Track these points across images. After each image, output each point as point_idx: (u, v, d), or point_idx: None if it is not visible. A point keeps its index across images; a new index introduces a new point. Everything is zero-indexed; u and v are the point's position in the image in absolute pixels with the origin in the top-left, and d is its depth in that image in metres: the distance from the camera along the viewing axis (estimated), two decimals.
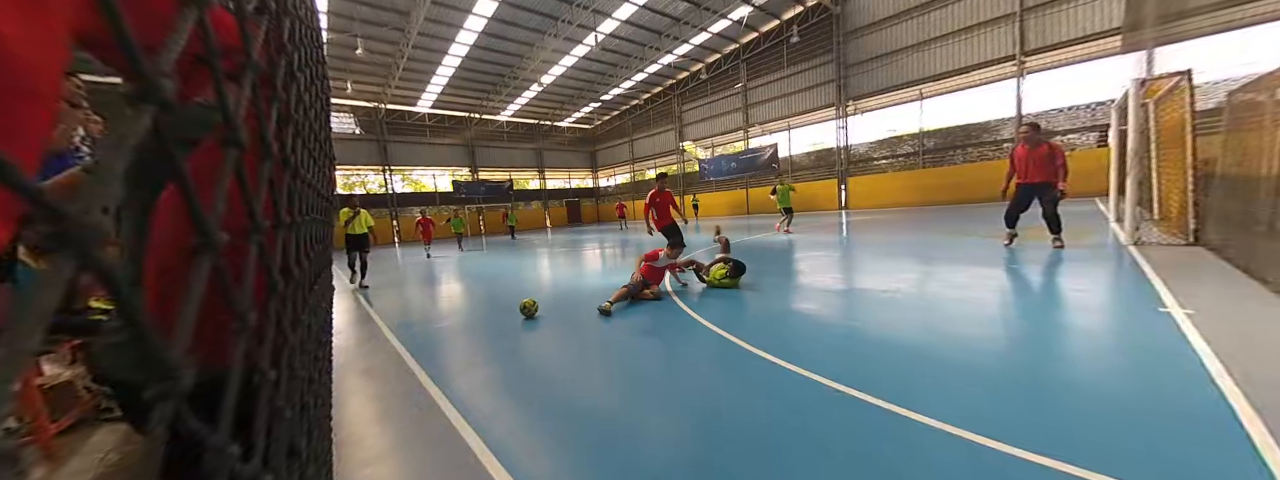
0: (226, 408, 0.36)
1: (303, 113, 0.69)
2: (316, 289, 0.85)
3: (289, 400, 0.59)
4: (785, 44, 20.38)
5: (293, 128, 0.59)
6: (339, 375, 2.86)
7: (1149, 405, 1.74)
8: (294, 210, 0.59)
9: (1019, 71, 14.80)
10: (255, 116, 0.48)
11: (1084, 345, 2.41)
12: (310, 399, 0.73)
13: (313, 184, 0.76)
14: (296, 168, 0.61)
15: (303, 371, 0.65)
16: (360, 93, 21.17)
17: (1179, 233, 5.17)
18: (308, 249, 0.72)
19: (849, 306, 3.56)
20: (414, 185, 26.06)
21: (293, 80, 0.61)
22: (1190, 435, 1.53)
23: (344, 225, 6.88)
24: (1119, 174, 7.13)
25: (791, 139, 21.58)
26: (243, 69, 0.43)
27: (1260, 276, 3.30)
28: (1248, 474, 1.32)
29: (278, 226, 0.51)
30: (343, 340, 3.80)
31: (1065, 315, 2.88)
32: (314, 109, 0.82)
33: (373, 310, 5.01)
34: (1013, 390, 1.95)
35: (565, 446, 1.81)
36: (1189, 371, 1.97)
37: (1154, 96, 5.77)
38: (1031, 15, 14.40)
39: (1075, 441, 1.53)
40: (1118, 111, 6.88)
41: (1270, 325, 2.43)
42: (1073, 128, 14.23)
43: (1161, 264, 4.03)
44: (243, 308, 0.38)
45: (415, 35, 16.05)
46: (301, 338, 0.64)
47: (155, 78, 0.23)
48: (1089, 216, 8.33)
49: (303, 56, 0.72)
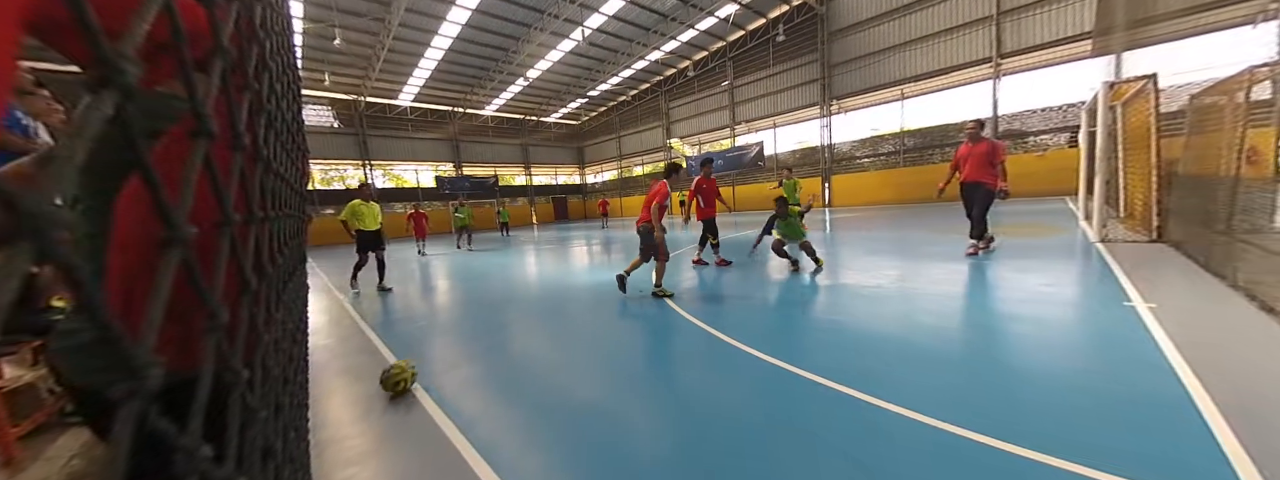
0: (197, 407, 0.35)
1: (274, 103, 0.67)
2: (291, 286, 0.83)
3: (263, 400, 0.57)
4: (771, 43, 20.51)
5: (264, 118, 0.57)
6: (318, 375, 2.80)
7: (1115, 394, 1.82)
8: (267, 204, 0.57)
9: (995, 73, 15.21)
10: (225, 106, 0.46)
11: (1055, 337, 2.50)
12: (286, 399, 0.71)
13: (286, 178, 0.74)
14: (269, 160, 0.59)
15: (277, 370, 0.64)
16: (339, 85, 20.57)
17: (1143, 230, 5.40)
18: (282, 245, 0.70)
19: (834, 302, 3.62)
20: (396, 180, 25.50)
21: (264, 69, 0.59)
22: (1152, 422, 1.61)
23: (352, 220, 5.65)
24: (1088, 173, 7.40)
25: (777, 137, 21.78)
26: (212, 56, 0.42)
27: (1218, 272, 3.47)
28: (1206, 457, 1.39)
29: (250, 221, 0.49)
30: (322, 340, 3.71)
31: (1037, 309, 2.99)
32: (286, 100, 0.80)
33: (353, 308, 4.90)
34: (988, 382, 2.02)
35: (552, 444, 1.81)
36: (1152, 362, 2.07)
37: (1121, 99, 6.00)
38: (1007, 19, 14.79)
39: (1046, 430, 1.59)
40: (1087, 113, 7.13)
41: (1227, 319, 2.57)
42: (1046, 128, 14.69)
43: (1127, 260, 4.20)
44: (214, 304, 0.36)
45: (396, 26, 15.65)
46: (276, 336, 0.62)
47: (117, 62, 0.22)
48: (1059, 214, 8.63)
49: (274, 45, 0.70)
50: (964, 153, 5.11)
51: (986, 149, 4.93)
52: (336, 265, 10.36)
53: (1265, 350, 2.11)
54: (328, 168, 22.66)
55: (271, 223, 0.62)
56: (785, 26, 19.41)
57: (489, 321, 3.89)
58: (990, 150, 4.92)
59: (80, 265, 0.19)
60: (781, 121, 21.42)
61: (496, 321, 3.88)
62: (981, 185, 4.94)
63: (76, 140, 0.20)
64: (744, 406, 1.96)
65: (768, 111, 21.70)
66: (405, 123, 24.37)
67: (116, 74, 0.22)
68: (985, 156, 4.92)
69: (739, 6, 18.45)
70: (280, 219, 0.71)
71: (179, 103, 0.72)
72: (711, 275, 5.22)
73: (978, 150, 4.97)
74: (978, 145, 4.99)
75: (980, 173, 4.94)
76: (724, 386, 2.19)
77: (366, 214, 5.65)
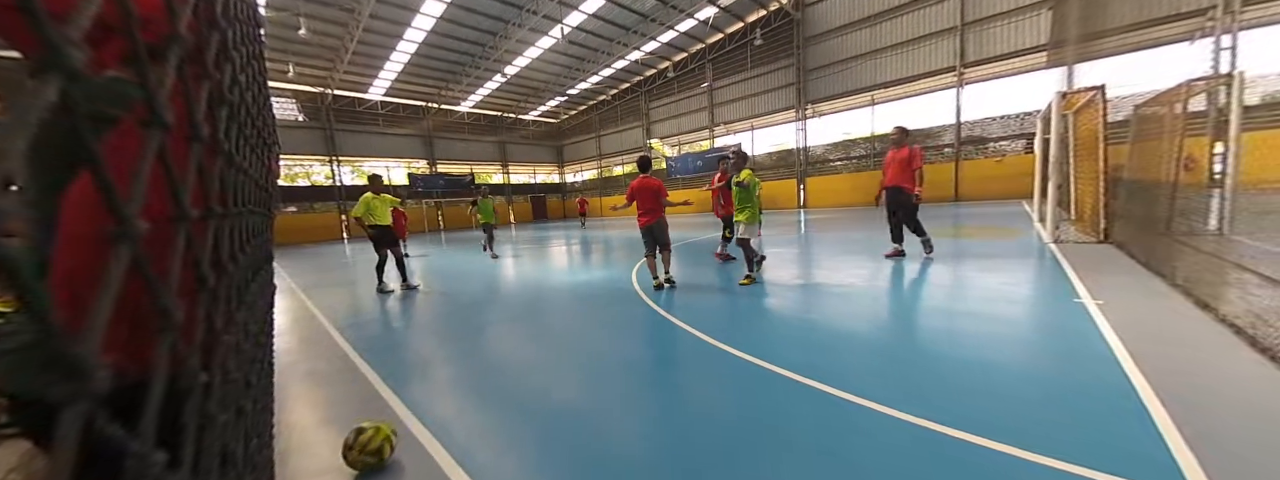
0: (149, 411, 0.33)
1: (238, 95, 0.64)
2: (254, 286, 0.79)
3: (223, 405, 0.55)
4: (749, 46, 20.83)
5: (226, 110, 0.54)
6: (283, 379, 2.68)
7: (1066, 385, 1.93)
8: (228, 200, 0.55)
9: (959, 82, 15.90)
10: (183, 95, 0.44)
11: (1011, 333, 2.63)
12: (248, 403, 0.68)
13: (250, 173, 0.71)
14: (230, 154, 0.56)
15: (238, 374, 0.61)
16: (304, 77, 19.71)
17: (1092, 232, 5.75)
18: (244, 242, 0.67)
19: (807, 300, 3.71)
20: (365, 177, 24.63)
21: (226, 59, 0.56)
22: (1100, 409, 1.71)
23: (366, 215, 5.20)
24: (1042, 178, 7.82)
25: (755, 139, 22.14)
26: (167, 43, 0.40)
27: (1158, 271, 3.73)
28: (1147, 440, 1.50)
29: (208, 216, 0.47)
30: (287, 342, 3.55)
31: (995, 306, 3.14)
32: (251, 91, 0.76)
33: (318, 310, 4.72)
34: (949, 375, 2.10)
35: (529, 447, 1.79)
36: (1099, 354, 2.21)
37: (1072, 108, 6.37)
38: (970, 30, 15.48)
39: (1003, 420, 1.68)
40: (1042, 121, 7.54)
41: (1166, 314, 2.76)
42: (1005, 135, 15.44)
43: (1077, 259, 4.47)
44: (168, 303, 0.34)
45: (366, 17, 15.13)
46: (237, 337, 0.60)
47: (61, 46, 0.21)
48: (1016, 217, 9.09)
49: (238, 34, 0.66)
50: (888, 158, 5.20)
51: (906, 155, 4.97)
52: (302, 265, 9.95)
53: (1202, 344, 2.28)
54: (292, 163, 21.70)
55: (233, 219, 0.59)
56: (763, 31, 19.75)
57: (468, 322, 3.81)
58: (908, 157, 4.96)
59: (18, 258, 0.18)
60: (759, 124, 21.79)
61: (475, 323, 3.80)
62: (902, 190, 5.02)
63: (17, 127, 0.18)
64: (719, 401, 1.99)
65: (746, 114, 22.03)
66: (376, 117, 23.58)
67: (61, 57, 0.21)
68: (905, 162, 4.96)
69: (718, 9, 18.67)
70: (243, 216, 0.68)
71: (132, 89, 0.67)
72: (691, 275, 5.26)
73: (899, 156, 5.01)
74: (899, 151, 5.04)
75: (900, 178, 5.00)
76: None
77: (379, 208, 5.30)
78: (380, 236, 5.35)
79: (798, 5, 19.03)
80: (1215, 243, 4.54)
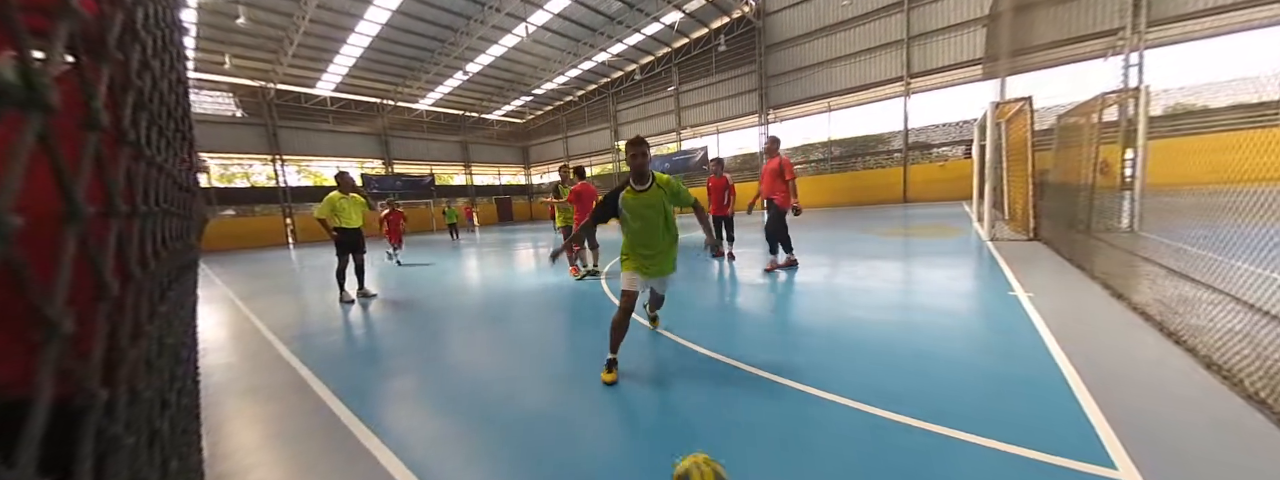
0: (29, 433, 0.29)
1: (150, 82, 0.57)
2: (173, 294, 0.72)
3: (131, 427, 0.49)
4: (714, 52, 21.26)
5: (133, 96, 0.49)
6: (217, 397, 2.46)
7: (1002, 370, 2.08)
8: (136, 197, 0.49)
9: (906, 91, 16.91)
10: (75, 78, 0.39)
11: (951, 323, 2.81)
12: (164, 424, 0.61)
13: (165, 169, 0.64)
14: (139, 145, 0.51)
15: (150, 392, 0.55)
16: (243, 69, 18.32)
17: (1023, 230, 6.24)
18: (159, 246, 0.60)
19: (768, 298, 3.81)
20: (313, 178, 23.20)
21: (134, 40, 0.50)
22: (1029, 393, 1.85)
23: (331, 216, 4.83)
24: (979, 181, 8.42)
25: (720, 142, 22.59)
26: (57, 16, 0.35)
27: (1080, 265, 4.09)
28: (1072, 419, 1.63)
29: (109, 215, 0.42)
30: (224, 357, 3.28)
31: (938, 299, 3.34)
32: (168, 79, 0.69)
33: (259, 321, 4.38)
34: (896, 364, 2.22)
35: (490, 457, 1.73)
36: (1031, 342, 2.39)
37: (1004, 117, 6.91)
38: (916, 43, 16.51)
39: (943, 405, 1.78)
40: (979, 129, 8.12)
41: (1087, 304, 3.03)
42: (947, 141, 16.54)
43: (1010, 256, 4.83)
44: (50, 310, 0.30)
45: (313, 7, 14.25)
46: (148, 352, 0.53)
47: None
48: (958, 217, 9.74)
49: (151, 14, 0.60)
50: (764, 169, 5.10)
51: (776, 166, 4.88)
52: (242, 272, 9.22)
53: (1117, 329, 2.52)
54: (228, 162, 20.12)
55: (144, 219, 0.53)
56: (727, 37, 20.22)
57: (425, 328, 3.65)
58: (778, 167, 4.87)
59: None
60: (724, 128, 22.26)
61: (437, 329, 3.65)
62: (772, 202, 4.95)
63: None
64: (686, 397, 2.00)
65: (711, 117, 22.46)
66: (325, 114, 22.27)
67: None
68: (775, 172, 4.88)
69: (683, 15, 18.95)
70: (157, 216, 0.61)
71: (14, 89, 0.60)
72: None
73: (770, 166, 4.92)
74: (771, 161, 4.95)
75: (771, 189, 4.93)
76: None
77: (347, 209, 4.89)
78: (346, 240, 4.95)
79: (759, 14, 19.62)
80: (1128, 239, 5.05)
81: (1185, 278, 3.20)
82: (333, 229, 4.87)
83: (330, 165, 22.75)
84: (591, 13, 17.59)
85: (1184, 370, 1.97)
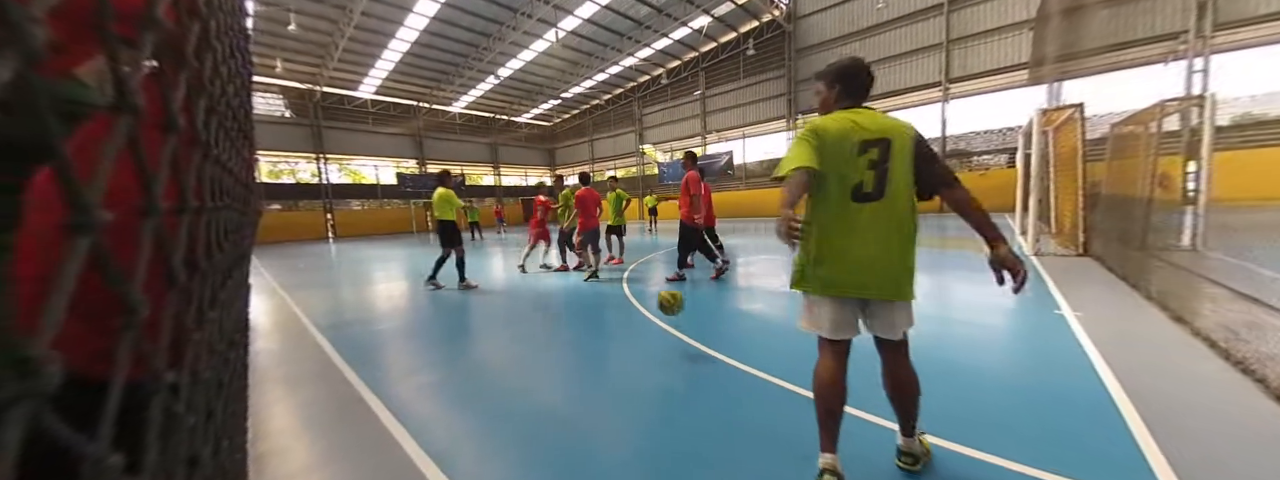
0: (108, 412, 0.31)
1: (218, 87, 0.62)
2: (230, 284, 0.76)
3: (191, 407, 0.52)
4: (742, 56, 21.13)
5: (205, 101, 0.53)
6: (259, 381, 2.60)
7: (1047, 393, 1.96)
8: (205, 193, 0.53)
9: (944, 96, 16.31)
10: (158, 84, 0.43)
11: (994, 341, 2.68)
12: (218, 405, 0.65)
13: (229, 167, 0.69)
14: (208, 146, 0.54)
15: (209, 374, 0.58)
16: (292, 73, 19.42)
17: (1071, 245, 5.89)
18: (221, 239, 0.64)
19: (793, 307, 3.73)
20: (353, 176, 24.28)
21: (207, 48, 0.54)
22: (1079, 419, 1.74)
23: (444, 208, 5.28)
24: (1024, 192, 8.02)
25: (746, 147, 22.38)
26: (143, 26, 0.38)
27: (1134, 284, 3.83)
28: (1122, 448, 1.52)
29: (182, 210, 0.45)
30: (267, 344, 3.46)
31: (976, 315, 3.19)
32: (233, 84, 0.74)
33: (301, 311, 4.60)
34: (932, 382, 2.12)
35: (511, 451, 1.76)
36: (1079, 365, 2.25)
37: (1052, 125, 6.56)
38: (956, 46, 15.93)
39: (979, 428, 1.69)
40: (1023, 137, 7.75)
41: (1143, 326, 2.83)
42: (988, 149, 15.85)
43: (1057, 272, 4.57)
44: (133, 299, 0.33)
45: (358, 14, 15.00)
46: (209, 337, 0.57)
47: (22, 23, 0.20)
48: (1000, 229, 9.29)
49: (221, 24, 0.65)
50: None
51: (685, 182, 4.88)
52: (285, 264, 9.73)
53: (1176, 355, 2.34)
54: (277, 160, 21.30)
55: (210, 214, 0.57)
56: (755, 41, 20.06)
57: (453, 324, 3.75)
58: (685, 183, 4.86)
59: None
60: (750, 132, 22.05)
61: (459, 325, 3.74)
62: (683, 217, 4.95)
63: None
64: (704, 405, 1.98)
65: (737, 122, 22.28)
66: (365, 115, 23.31)
67: (20, 36, 0.20)
68: (683, 188, 4.88)
69: (711, 19, 18.92)
70: (221, 211, 0.65)
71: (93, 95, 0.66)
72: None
73: (683, 181, 4.91)
74: (687, 175, 4.92)
75: (681, 203, 4.94)
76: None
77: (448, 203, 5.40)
78: (455, 231, 5.40)
79: (789, 17, 19.39)
80: (1189, 258, 4.69)
81: (1255, 301, 2.95)
82: (438, 220, 5.34)
83: (369, 164, 23.79)
84: (620, 18, 17.79)
85: (1252, 404, 1.81)
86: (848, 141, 1.34)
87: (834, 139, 1.34)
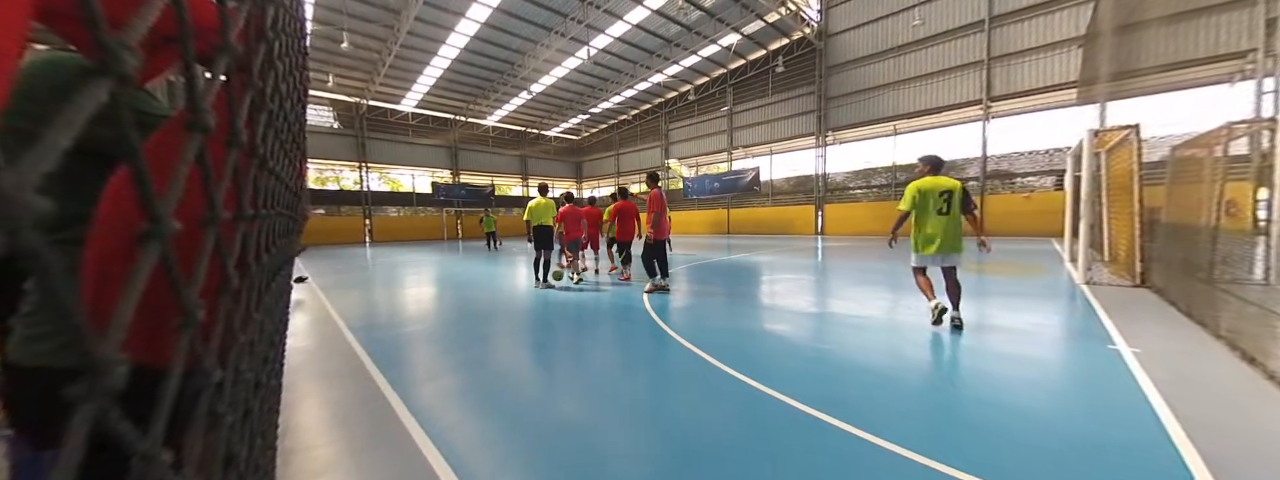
0: (161, 410, 0.33)
1: (278, 103, 0.66)
2: (274, 286, 0.80)
3: (232, 404, 0.55)
4: (771, 73, 21.14)
5: (265, 117, 0.57)
6: (291, 379, 2.70)
7: (1099, 437, 1.81)
8: (258, 202, 0.56)
9: (985, 115, 15.74)
10: (226, 102, 0.46)
11: (1042, 378, 2.50)
12: (256, 404, 0.68)
13: (282, 177, 0.73)
14: (265, 158, 0.58)
15: (249, 373, 0.61)
16: (342, 87, 20.73)
17: (1127, 275, 5.50)
18: (269, 243, 0.68)
19: (821, 329, 3.61)
20: (391, 184, 25.42)
21: (269, 68, 0.59)
22: (1135, 468, 1.59)
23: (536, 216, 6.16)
24: (1073, 217, 7.58)
25: (773, 163, 22.19)
26: (217, 52, 0.41)
27: (1199, 319, 3.53)
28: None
29: (238, 218, 0.48)
30: (299, 342, 3.60)
31: (1025, 348, 2.99)
32: (290, 100, 0.80)
33: (336, 313, 4.79)
34: (973, 420, 2.00)
35: (530, 460, 1.75)
36: (1135, 406, 2.07)
37: (1105, 147, 6.21)
38: (997, 64, 15.42)
39: (1027, 472, 1.57)
40: (1073, 159, 7.36)
41: (1208, 366, 2.59)
42: (1032, 170, 15.11)
43: (1110, 303, 4.26)
44: (190, 303, 0.35)
45: (404, 34, 15.91)
46: (252, 337, 0.60)
47: (117, 51, 0.22)
48: (1045, 255, 8.78)
49: (283, 45, 0.70)
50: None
51: (649, 199, 5.35)
52: (324, 266, 10.19)
53: (1249, 401, 2.12)
54: (323, 167, 22.58)
55: (262, 221, 0.61)
56: (784, 58, 20.05)
57: (477, 331, 3.81)
58: (650, 200, 5.34)
59: (50, 263, 0.18)
60: (778, 149, 21.87)
61: (480, 332, 3.80)
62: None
63: (66, 126, 0.19)
64: (727, 429, 1.92)
65: (765, 138, 22.16)
66: (406, 127, 24.49)
67: (115, 63, 0.22)
68: (650, 205, 5.34)
69: (741, 37, 19.08)
70: (271, 217, 0.69)
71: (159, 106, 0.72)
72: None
73: (649, 198, 5.38)
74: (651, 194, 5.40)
75: (646, 221, 5.44)
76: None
77: (543, 210, 6.24)
78: (540, 236, 6.13)
79: (820, 35, 19.33)
80: (1262, 292, 4.29)
81: None
82: (533, 227, 6.15)
83: (407, 173, 24.88)
84: (650, 36, 18.18)
85: None
86: (934, 191, 3.40)
87: (926, 191, 3.43)
